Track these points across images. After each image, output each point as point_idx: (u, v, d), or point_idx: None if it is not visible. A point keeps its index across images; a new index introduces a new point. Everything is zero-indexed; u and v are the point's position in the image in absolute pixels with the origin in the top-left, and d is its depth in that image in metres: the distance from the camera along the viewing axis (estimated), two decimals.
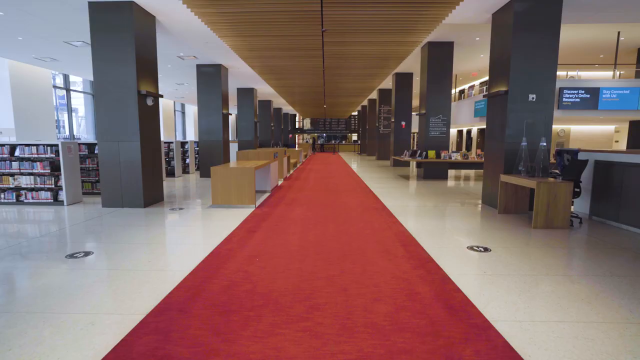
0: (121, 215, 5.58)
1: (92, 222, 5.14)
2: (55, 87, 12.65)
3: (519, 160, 5.39)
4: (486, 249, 3.84)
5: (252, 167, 6.05)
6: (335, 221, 5.15)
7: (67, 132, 13.51)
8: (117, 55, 5.85)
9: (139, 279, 3.04)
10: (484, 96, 6.33)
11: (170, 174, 11.06)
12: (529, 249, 3.90)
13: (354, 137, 36.49)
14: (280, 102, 23.01)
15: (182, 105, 25.16)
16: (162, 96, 6.63)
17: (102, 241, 4.21)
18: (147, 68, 6.25)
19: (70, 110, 13.36)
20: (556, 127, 14.50)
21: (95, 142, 6.87)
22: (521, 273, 3.18)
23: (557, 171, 5.54)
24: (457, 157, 10.25)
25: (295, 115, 36.42)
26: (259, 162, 7.25)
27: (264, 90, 16.82)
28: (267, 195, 7.49)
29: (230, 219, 5.26)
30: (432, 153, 10.25)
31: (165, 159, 10.99)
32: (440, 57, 10.02)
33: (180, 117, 25.18)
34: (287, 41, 7.34)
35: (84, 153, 7.37)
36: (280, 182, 9.61)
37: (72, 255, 3.62)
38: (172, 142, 10.97)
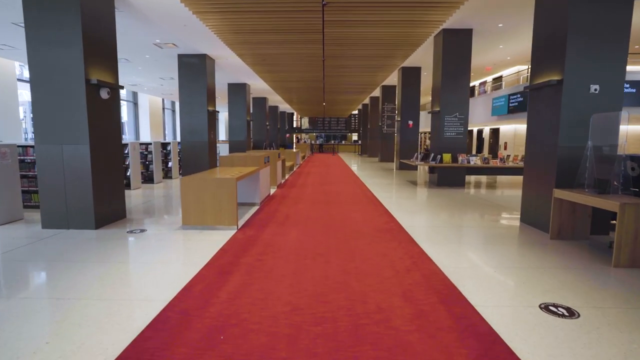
0: (60, 241, 4.27)
1: (13, 254, 3.82)
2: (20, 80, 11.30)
3: (582, 170, 4.11)
4: (570, 312, 2.55)
5: (233, 177, 4.75)
6: (340, 253, 3.85)
7: None
8: (57, 33, 4.54)
9: None
10: (525, 88, 5.03)
11: (149, 179, 9.74)
12: (637, 311, 2.61)
13: (354, 137, 35.21)
14: (277, 100, 21.70)
15: (172, 103, 23.79)
16: (122, 87, 5.32)
17: (1, 293, 2.90)
18: (101, 51, 4.93)
19: None
20: None
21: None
22: None
23: (615, 183, 4.27)
24: (476, 161, 8.99)
25: (293, 114, 35.10)
26: (245, 169, 5.95)
27: (258, 86, 15.52)
28: (255, 209, 6.19)
29: (201, 249, 3.96)
30: (447, 157, 8.98)
31: (144, 162, 9.67)
32: (457, 46, 8.75)
33: (170, 115, 23.82)
34: (280, 20, 6.04)
35: (32, 157, 6.05)
36: (272, 191, 8.31)
37: None
38: (150, 144, 9.64)
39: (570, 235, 4.37)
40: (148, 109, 19.41)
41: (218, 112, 10.86)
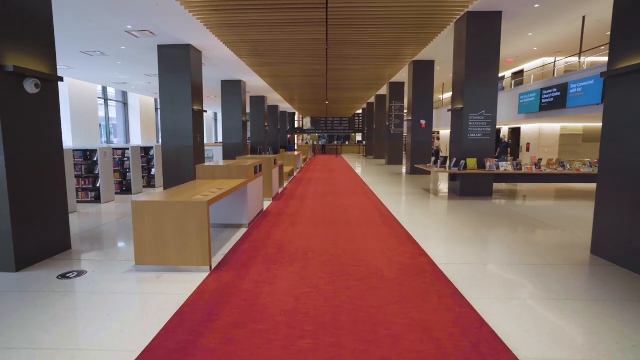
0: None
1: None
2: None
3: None
4: None
5: (204, 200, 3.44)
6: (356, 322, 2.52)
7: None
8: None
9: None
10: (601, 75, 3.70)
11: (127, 190, 8.47)
12: None
13: (359, 137, 33.87)
14: (276, 99, 20.39)
15: None
16: (61, 79, 4.02)
17: None
18: (23, 27, 3.64)
19: None
20: None
21: None
22: None
23: None
24: (506, 167, 7.65)
25: (294, 114, 33.80)
26: (228, 183, 4.63)
27: (256, 83, 14.23)
28: (241, 233, 4.88)
29: (149, 314, 2.65)
30: (472, 162, 7.65)
31: (119, 170, 8.40)
32: (483, 32, 7.43)
33: None
34: None
35: None
36: (267, 205, 6.99)
37: None
38: (127, 149, 8.36)
39: None
40: (139, 109, 18.17)
41: (205, 111, 9.55)
